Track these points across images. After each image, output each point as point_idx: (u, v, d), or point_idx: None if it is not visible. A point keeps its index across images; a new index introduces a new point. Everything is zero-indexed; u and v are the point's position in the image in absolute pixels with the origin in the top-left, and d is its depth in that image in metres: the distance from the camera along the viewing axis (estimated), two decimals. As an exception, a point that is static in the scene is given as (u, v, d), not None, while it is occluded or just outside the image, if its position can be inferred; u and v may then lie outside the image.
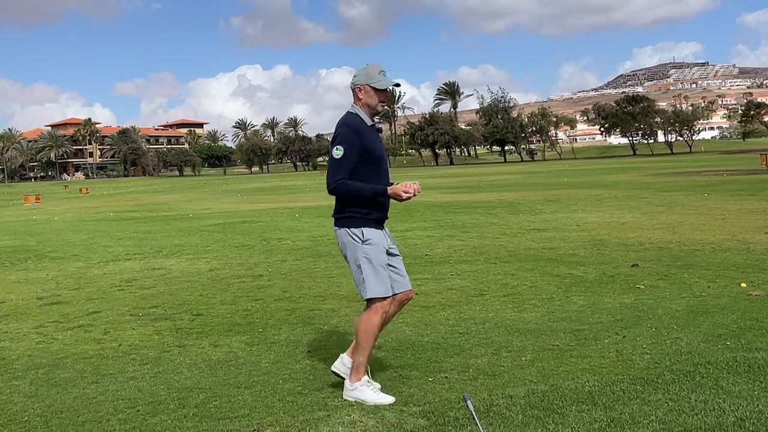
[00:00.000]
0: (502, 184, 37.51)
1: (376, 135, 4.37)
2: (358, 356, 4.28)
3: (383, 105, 4.33)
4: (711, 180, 29.31)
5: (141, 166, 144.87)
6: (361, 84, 4.28)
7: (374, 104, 4.28)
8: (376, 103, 4.28)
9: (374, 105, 4.29)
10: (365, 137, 4.22)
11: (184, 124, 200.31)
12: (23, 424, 4.15)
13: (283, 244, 13.10)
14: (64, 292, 8.90)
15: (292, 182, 61.64)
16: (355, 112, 4.32)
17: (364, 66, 4.35)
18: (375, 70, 4.27)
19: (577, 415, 3.73)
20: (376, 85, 4.24)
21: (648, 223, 13.95)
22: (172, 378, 4.91)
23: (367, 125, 4.28)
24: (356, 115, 4.31)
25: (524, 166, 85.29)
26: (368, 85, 4.25)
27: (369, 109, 4.31)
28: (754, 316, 5.73)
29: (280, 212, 22.59)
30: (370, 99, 4.27)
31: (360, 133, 4.20)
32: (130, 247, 13.82)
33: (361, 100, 4.30)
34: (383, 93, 4.28)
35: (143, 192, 56.57)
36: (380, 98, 4.29)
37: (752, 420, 3.52)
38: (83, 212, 29.17)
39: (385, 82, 4.24)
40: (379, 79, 4.23)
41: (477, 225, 15.13)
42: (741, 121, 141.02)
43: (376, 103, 4.28)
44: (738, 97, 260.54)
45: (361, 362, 4.27)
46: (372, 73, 4.25)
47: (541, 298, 7.06)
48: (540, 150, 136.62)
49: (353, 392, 4.22)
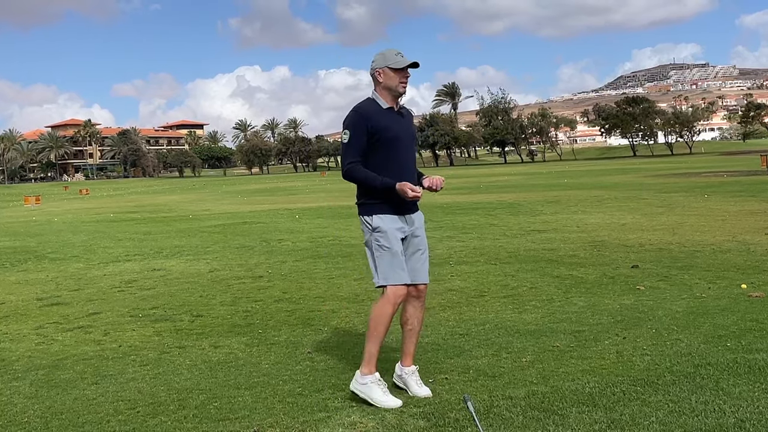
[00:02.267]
0: (502, 185, 37.51)
1: (395, 117, 4.32)
2: (369, 345, 4.22)
3: (404, 86, 4.30)
4: (711, 181, 29.31)
5: (141, 167, 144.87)
6: (380, 68, 4.28)
7: (394, 86, 4.28)
8: (396, 84, 4.28)
9: (395, 86, 4.28)
10: (373, 118, 4.21)
11: (184, 125, 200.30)
12: (23, 425, 4.14)
13: (283, 245, 13.10)
14: (64, 293, 8.89)
15: (292, 183, 61.66)
16: (372, 97, 4.35)
17: (380, 51, 4.36)
18: (392, 52, 4.29)
19: (577, 416, 3.73)
20: (394, 65, 4.24)
21: (648, 224, 13.95)
22: (172, 379, 4.91)
23: (382, 108, 4.29)
24: (371, 99, 4.34)
25: (524, 167, 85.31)
26: (387, 66, 4.26)
27: (390, 92, 4.30)
28: (754, 318, 5.72)
29: (280, 213, 22.59)
30: (390, 81, 4.27)
31: (367, 116, 4.22)
32: (130, 248, 13.82)
33: (381, 84, 4.31)
34: (402, 73, 4.27)
35: (143, 193, 56.57)
36: (400, 79, 4.28)
37: (753, 421, 3.52)
38: (83, 213, 29.17)
39: (403, 61, 4.25)
40: (397, 59, 4.25)
41: (477, 226, 15.13)
42: (741, 122, 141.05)
43: (396, 84, 4.28)
44: (738, 98, 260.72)
45: (373, 353, 4.21)
46: (389, 55, 4.28)
47: (541, 300, 7.06)
48: (540, 151, 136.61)
49: (362, 387, 4.16)
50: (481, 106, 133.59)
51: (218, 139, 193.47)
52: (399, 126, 4.32)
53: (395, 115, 4.33)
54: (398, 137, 4.29)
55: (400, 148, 4.30)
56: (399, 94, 4.31)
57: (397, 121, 4.32)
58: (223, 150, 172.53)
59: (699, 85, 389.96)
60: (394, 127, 4.27)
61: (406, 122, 4.41)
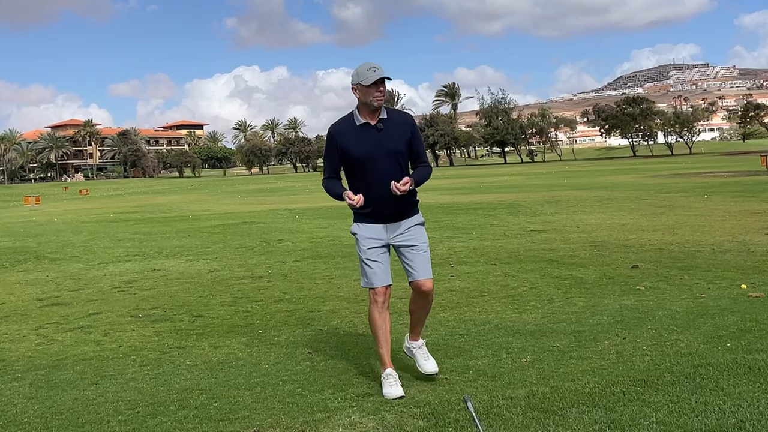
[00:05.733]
0: (502, 185, 37.52)
1: (369, 133, 4.41)
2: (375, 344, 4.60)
3: (378, 99, 4.36)
4: (711, 181, 29.31)
5: (141, 167, 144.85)
6: (355, 84, 4.41)
7: (369, 100, 4.37)
8: (370, 99, 4.36)
9: (369, 101, 4.37)
10: (342, 139, 4.44)
11: (184, 125, 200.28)
12: (23, 425, 4.14)
13: (283, 246, 13.10)
14: (64, 294, 8.89)
15: (292, 183, 61.66)
16: (353, 111, 4.49)
17: (357, 67, 4.45)
18: (365, 68, 4.38)
19: (577, 416, 3.73)
20: (364, 81, 4.33)
21: (648, 224, 13.95)
22: (172, 379, 4.91)
23: (355, 125, 4.44)
24: (349, 114, 4.50)
25: (524, 168, 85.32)
26: (360, 83, 4.36)
27: (366, 106, 4.41)
28: (754, 318, 5.73)
29: (279, 213, 22.59)
30: (364, 96, 4.38)
31: (337, 135, 4.47)
32: (130, 249, 13.82)
33: (359, 99, 4.44)
34: (375, 87, 4.33)
35: (143, 193, 56.57)
36: (373, 93, 4.34)
37: (753, 422, 3.52)
38: (83, 213, 29.18)
39: (373, 77, 4.31)
40: (367, 75, 4.33)
41: (477, 226, 15.14)
42: (741, 122, 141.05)
43: (370, 99, 4.36)
44: (738, 98, 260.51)
45: (378, 352, 4.55)
46: (362, 71, 4.37)
47: (541, 300, 7.06)
48: (540, 151, 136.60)
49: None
50: (481, 107, 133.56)
51: (218, 139, 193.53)
52: (371, 141, 4.41)
53: (369, 131, 4.42)
54: (368, 154, 4.41)
55: (371, 164, 4.42)
56: (375, 108, 4.39)
57: (370, 137, 4.42)
58: (223, 150, 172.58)
59: (699, 85, 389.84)
60: (364, 145, 4.40)
61: (384, 135, 4.43)
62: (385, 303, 4.51)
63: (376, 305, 4.48)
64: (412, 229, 4.58)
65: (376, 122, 4.43)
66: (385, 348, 4.49)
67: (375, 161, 4.41)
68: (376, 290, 4.48)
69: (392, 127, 4.46)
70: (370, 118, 4.43)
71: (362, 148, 4.41)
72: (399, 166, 4.46)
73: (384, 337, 4.49)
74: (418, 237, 4.59)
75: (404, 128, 4.51)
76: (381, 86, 4.34)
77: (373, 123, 4.42)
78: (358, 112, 4.45)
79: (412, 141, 4.51)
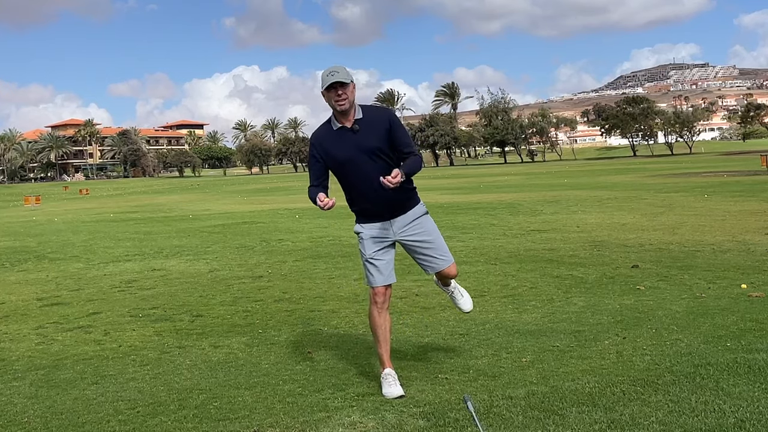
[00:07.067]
0: (502, 185, 37.52)
1: (346, 136, 4.38)
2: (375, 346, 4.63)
3: (339, 103, 4.31)
4: (711, 181, 29.31)
5: (141, 167, 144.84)
6: (321, 92, 4.38)
7: (332, 105, 4.37)
8: (332, 103, 4.36)
9: (333, 106, 4.37)
10: (321, 146, 4.47)
11: (184, 125, 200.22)
12: (23, 425, 4.14)
13: (283, 245, 13.10)
14: (64, 293, 8.90)
15: (292, 183, 61.67)
16: (330, 117, 4.49)
17: None
18: (325, 73, 4.36)
19: (577, 416, 3.73)
20: (323, 87, 4.34)
21: (648, 224, 13.95)
22: (172, 379, 4.91)
23: (332, 130, 4.43)
24: (327, 121, 4.52)
25: (524, 167, 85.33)
26: (322, 90, 4.36)
27: (334, 110, 4.41)
28: (754, 318, 5.73)
29: (280, 213, 22.59)
30: (327, 101, 4.38)
31: (316, 143, 4.51)
32: (130, 248, 13.82)
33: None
34: (334, 92, 4.30)
35: (143, 193, 56.58)
36: (333, 98, 4.32)
37: (753, 422, 3.52)
38: (83, 213, 29.18)
39: (327, 81, 4.29)
40: (326, 81, 4.31)
41: (477, 226, 15.14)
42: (741, 122, 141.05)
43: (332, 103, 4.36)
44: (738, 98, 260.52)
45: (377, 352, 4.56)
46: (323, 76, 4.36)
47: (541, 299, 7.06)
48: (540, 151, 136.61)
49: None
50: (481, 106, 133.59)
51: (218, 139, 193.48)
52: (349, 145, 4.38)
53: (346, 134, 4.39)
54: (348, 158, 4.40)
55: (354, 166, 4.41)
56: (338, 111, 4.37)
57: (348, 141, 4.39)
58: (223, 150, 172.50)
59: (699, 85, 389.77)
60: (343, 148, 4.39)
61: (361, 136, 4.37)
62: (385, 303, 4.51)
63: (376, 305, 4.49)
64: (418, 221, 4.55)
65: (352, 125, 4.38)
66: (385, 348, 4.49)
67: (358, 164, 4.38)
68: (376, 290, 4.49)
69: (369, 126, 4.39)
70: (346, 122, 4.38)
71: (342, 153, 4.39)
72: (384, 163, 4.39)
73: (383, 337, 4.49)
74: (427, 230, 4.58)
75: (381, 125, 4.40)
76: (339, 90, 4.27)
77: (348, 126, 4.38)
78: (334, 117, 4.42)
79: (393, 134, 4.39)
